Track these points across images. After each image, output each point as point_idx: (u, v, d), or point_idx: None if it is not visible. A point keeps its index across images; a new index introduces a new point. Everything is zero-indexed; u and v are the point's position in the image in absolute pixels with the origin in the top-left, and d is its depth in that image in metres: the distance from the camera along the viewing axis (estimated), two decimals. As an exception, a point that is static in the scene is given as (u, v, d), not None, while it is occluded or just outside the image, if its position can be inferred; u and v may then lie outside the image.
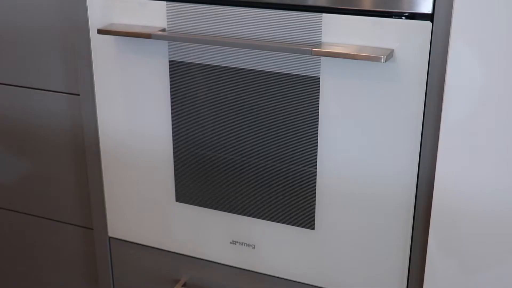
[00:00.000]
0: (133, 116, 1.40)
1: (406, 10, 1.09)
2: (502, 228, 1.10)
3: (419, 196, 1.19)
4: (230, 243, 1.41)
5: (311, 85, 1.20)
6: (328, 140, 1.23)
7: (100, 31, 1.31)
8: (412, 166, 1.18)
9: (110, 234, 1.55)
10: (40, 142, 1.59)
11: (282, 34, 1.19)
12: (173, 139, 1.37)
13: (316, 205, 1.28)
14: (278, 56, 1.21)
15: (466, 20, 1.01)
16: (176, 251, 1.48)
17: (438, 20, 1.07)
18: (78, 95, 1.48)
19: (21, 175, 1.67)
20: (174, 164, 1.39)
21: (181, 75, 1.31)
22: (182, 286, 1.50)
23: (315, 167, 1.26)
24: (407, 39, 1.10)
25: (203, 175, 1.37)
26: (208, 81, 1.29)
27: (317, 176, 1.26)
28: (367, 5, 1.12)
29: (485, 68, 1.03)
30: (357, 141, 1.20)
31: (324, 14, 1.15)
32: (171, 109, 1.35)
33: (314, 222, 1.30)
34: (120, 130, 1.43)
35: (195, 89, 1.31)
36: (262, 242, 1.37)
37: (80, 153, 1.55)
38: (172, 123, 1.36)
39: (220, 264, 1.44)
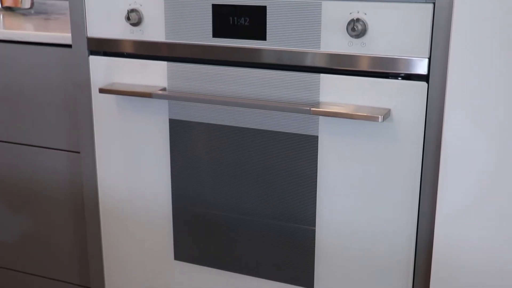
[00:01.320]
0: (133, 173, 1.41)
1: (402, 71, 1.12)
2: (502, 286, 1.09)
3: (419, 254, 1.19)
4: (229, 302, 1.39)
5: (310, 143, 1.22)
6: (327, 198, 1.23)
7: (101, 90, 1.33)
8: (411, 224, 1.18)
9: (108, 292, 1.54)
10: (40, 199, 1.59)
11: (280, 93, 1.21)
12: (172, 196, 1.38)
13: (315, 264, 1.28)
14: (276, 115, 1.23)
15: (461, 81, 1.04)
16: (174, 310, 1.47)
17: (433, 81, 1.09)
18: (78, 152, 1.49)
19: (19, 233, 1.66)
20: (173, 222, 1.39)
21: (181, 134, 1.33)
22: None
23: (314, 225, 1.26)
24: (403, 99, 1.12)
25: (202, 233, 1.37)
26: (208, 140, 1.31)
27: (316, 234, 1.26)
28: (364, 65, 1.14)
29: (481, 130, 1.04)
30: (355, 199, 1.21)
31: (322, 75, 1.18)
32: (171, 167, 1.36)
33: (313, 280, 1.29)
34: (119, 187, 1.43)
35: (194, 148, 1.33)
36: (261, 301, 1.36)
37: (79, 210, 1.55)
38: (172, 181, 1.37)
39: (219, 323, 1.43)
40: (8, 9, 1.90)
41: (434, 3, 1.06)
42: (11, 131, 1.57)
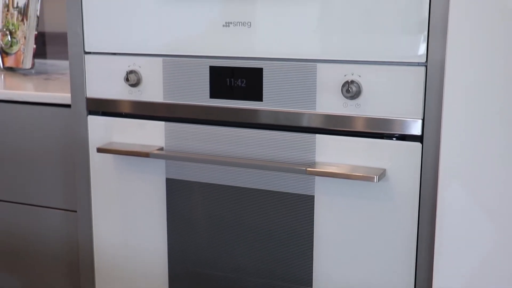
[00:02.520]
0: (129, 233, 1.40)
1: (397, 131, 1.13)
2: None
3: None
4: None
5: (306, 203, 1.22)
6: (323, 257, 1.23)
7: (99, 150, 1.34)
8: (409, 283, 1.17)
9: None
10: (35, 258, 1.58)
11: (277, 153, 1.23)
12: (168, 256, 1.37)
13: (312, 325, 1.26)
14: (273, 175, 1.24)
15: (454, 142, 1.05)
16: None
17: (427, 142, 1.10)
18: (75, 211, 1.49)
19: (13, 292, 1.64)
20: (169, 282, 1.38)
21: (177, 193, 1.33)
22: None
23: (311, 285, 1.25)
24: (398, 160, 1.14)
25: (198, 294, 1.36)
26: (204, 199, 1.31)
27: (313, 295, 1.25)
28: (359, 126, 1.16)
29: (476, 194, 1.05)
30: (352, 259, 1.20)
31: (317, 135, 1.19)
32: (167, 227, 1.36)
33: None
34: (115, 247, 1.42)
35: (191, 207, 1.33)
36: None
37: (74, 269, 1.53)
38: (168, 240, 1.36)
39: None
40: (10, 69, 1.93)
41: (426, 66, 1.09)
42: (8, 190, 1.58)
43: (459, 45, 1.02)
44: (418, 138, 1.12)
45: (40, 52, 2.12)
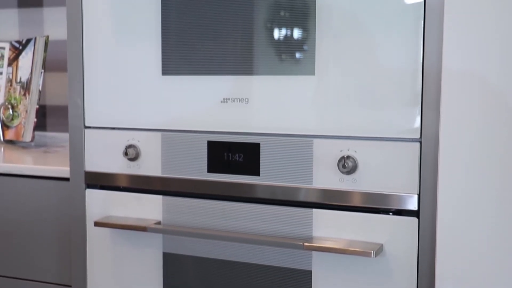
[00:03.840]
0: (124, 308, 1.38)
1: (393, 206, 1.14)
2: None
3: None
4: None
5: (303, 278, 1.21)
6: (322, 335, 1.21)
7: (96, 224, 1.34)
8: None
9: None
10: (27, 334, 1.56)
11: (274, 228, 1.23)
12: (163, 332, 1.35)
13: None
14: (270, 250, 1.23)
15: (451, 219, 1.05)
16: None
17: (423, 217, 1.11)
18: (70, 286, 1.47)
19: None
20: None
21: (174, 267, 1.32)
22: None
23: None
24: (395, 234, 1.14)
25: None
26: (201, 274, 1.30)
27: None
28: (355, 201, 1.16)
29: (471, 265, 1.04)
30: (351, 337, 1.19)
31: (314, 210, 1.19)
32: (163, 302, 1.34)
33: None
34: (110, 322, 1.40)
35: (188, 281, 1.32)
36: None
37: None
38: (164, 316, 1.34)
39: None
40: (10, 142, 1.95)
41: (420, 142, 1.11)
42: (1, 264, 1.56)
43: (453, 120, 1.04)
44: (415, 213, 1.13)
45: (40, 124, 2.15)
